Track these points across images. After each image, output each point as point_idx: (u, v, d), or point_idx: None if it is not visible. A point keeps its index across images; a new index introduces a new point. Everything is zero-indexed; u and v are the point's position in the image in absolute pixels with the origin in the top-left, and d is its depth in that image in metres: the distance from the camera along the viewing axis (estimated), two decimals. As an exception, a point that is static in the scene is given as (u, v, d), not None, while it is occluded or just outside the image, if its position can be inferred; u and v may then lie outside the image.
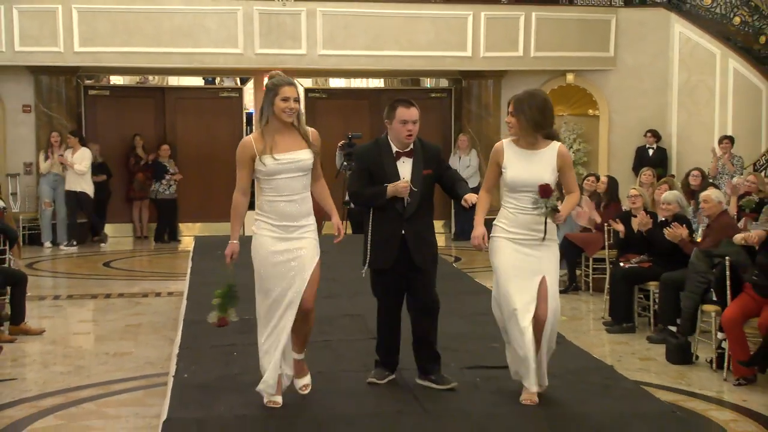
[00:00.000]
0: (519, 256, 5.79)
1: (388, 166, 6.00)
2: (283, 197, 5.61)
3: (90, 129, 17.28)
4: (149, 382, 7.63)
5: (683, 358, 8.47)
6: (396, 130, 5.97)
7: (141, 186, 17.08)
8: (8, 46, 15.53)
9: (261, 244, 5.65)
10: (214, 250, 12.32)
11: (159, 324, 9.88)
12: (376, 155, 6.07)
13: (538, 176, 5.75)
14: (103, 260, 14.84)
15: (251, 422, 5.48)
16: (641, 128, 16.82)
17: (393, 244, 5.98)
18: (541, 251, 5.81)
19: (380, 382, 6.12)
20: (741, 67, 16.38)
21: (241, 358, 6.85)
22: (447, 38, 16.47)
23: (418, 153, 6.05)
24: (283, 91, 5.56)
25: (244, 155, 5.71)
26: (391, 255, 5.98)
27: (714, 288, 8.37)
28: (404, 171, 6.00)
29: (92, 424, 6.64)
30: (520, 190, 5.80)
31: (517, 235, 5.81)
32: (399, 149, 6.02)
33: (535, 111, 5.83)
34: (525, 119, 5.83)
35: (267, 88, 5.65)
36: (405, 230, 5.98)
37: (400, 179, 5.95)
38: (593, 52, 17.01)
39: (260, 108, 5.70)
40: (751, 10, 16.69)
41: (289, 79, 5.67)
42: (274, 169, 5.58)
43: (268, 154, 5.58)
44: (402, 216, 5.97)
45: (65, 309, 11.15)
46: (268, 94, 5.63)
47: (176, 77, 18.16)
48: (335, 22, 16.21)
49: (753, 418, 6.88)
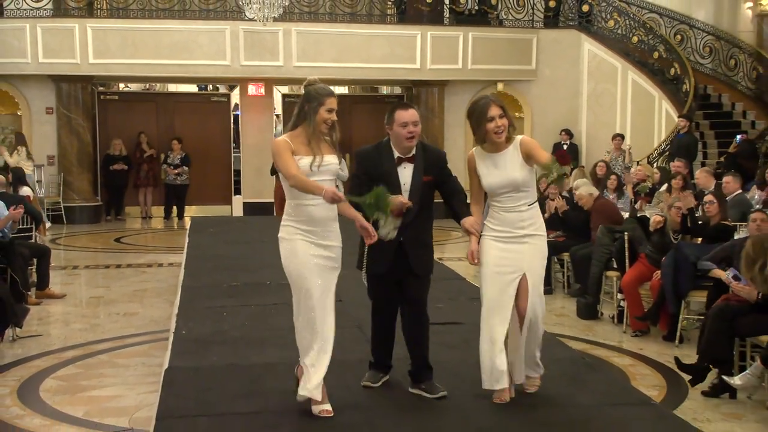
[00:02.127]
0: (502, 255, 4.88)
1: (388, 172, 4.91)
2: (312, 201, 4.60)
3: (102, 127, 17.18)
4: (153, 337, 7.60)
5: (590, 315, 8.57)
6: (397, 134, 4.90)
7: (146, 175, 17.04)
8: (33, 58, 15.35)
9: (294, 248, 4.66)
10: (206, 228, 12.31)
11: (161, 289, 9.84)
12: (376, 160, 4.98)
13: (510, 176, 4.85)
14: (114, 237, 14.71)
15: (239, 369, 5.48)
16: (557, 128, 16.92)
17: (390, 249, 4.94)
18: (525, 247, 4.89)
19: (374, 385, 5.20)
20: (638, 78, 16.50)
21: (230, 317, 6.84)
22: (399, 53, 16.45)
23: (420, 159, 4.98)
24: (328, 102, 4.67)
25: (285, 148, 4.63)
26: (388, 260, 4.96)
27: (615, 257, 8.47)
28: (405, 177, 4.94)
29: (106, 372, 6.60)
30: (499, 192, 4.91)
31: (503, 233, 4.90)
32: (401, 154, 4.95)
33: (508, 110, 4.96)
34: (510, 119, 4.91)
35: (310, 95, 4.70)
36: (403, 236, 4.92)
37: (400, 186, 4.91)
38: (519, 65, 17.06)
39: (296, 113, 4.74)
40: (646, 31, 16.81)
41: (332, 90, 4.79)
42: (306, 171, 4.60)
43: (301, 155, 4.62)
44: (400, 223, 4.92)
45: (82, 277, 11.05)
46: (311, 102, 4.67)
47: (174, 84, 18.12)
48: (307, 39, 16.14)
49: (647, 363, 6.98)
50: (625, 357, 7.14)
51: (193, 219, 14.22)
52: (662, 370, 6.74)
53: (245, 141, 17.37)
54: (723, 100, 16.85)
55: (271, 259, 9.42)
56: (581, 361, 5.93)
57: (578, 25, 17.33)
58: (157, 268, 11.50)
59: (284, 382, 5.14)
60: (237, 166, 17.85)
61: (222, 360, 5.66)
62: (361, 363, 5.46)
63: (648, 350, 7.33)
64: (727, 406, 5.89)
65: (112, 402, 5.89)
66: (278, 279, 8.09)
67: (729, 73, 16.94)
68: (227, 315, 6.92)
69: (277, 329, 6.43)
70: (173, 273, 10.46)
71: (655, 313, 7.64)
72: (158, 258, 12.30)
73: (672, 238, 7.81)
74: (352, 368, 5.36)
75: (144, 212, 17.29)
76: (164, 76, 16.65)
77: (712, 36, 17.14)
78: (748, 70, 16.70)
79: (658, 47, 16.56)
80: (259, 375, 5.34)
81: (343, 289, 7.64)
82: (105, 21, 15.78)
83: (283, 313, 6.89)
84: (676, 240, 7.77)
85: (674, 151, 13.49)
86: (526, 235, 4.89)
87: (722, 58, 17.03)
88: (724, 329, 6.07)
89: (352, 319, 6.53)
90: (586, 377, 5.53)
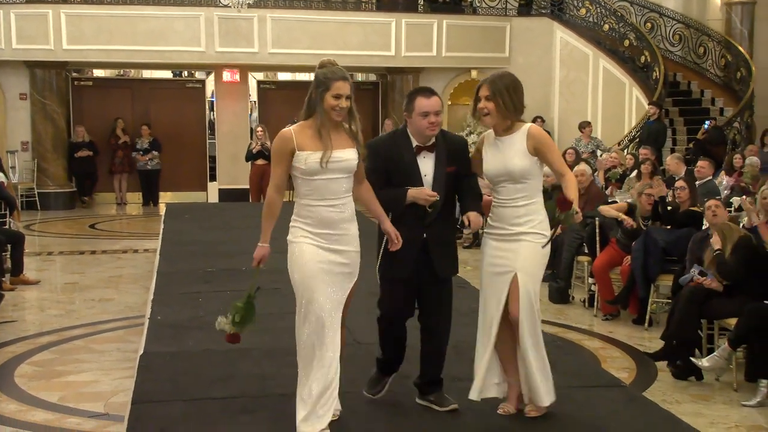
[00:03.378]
0: (497, 254, 4.35)
1: (407, 163, 4.34)
2: (323, 201, 4.03)
3: (77, 113, 16.98)
4: (129, 322, 7.56)
5: (562, 299, 8.63)
6: (416, 124, 4.33)
7: (120, 161, 16.89)
8: (7, 44, 15.14)
9: (302, 252, 4.05)
10: (182, 214, 12.24)
11: (137, 275, 9.77)
12: (393, 150, 4.38)
13: (508, 163, 4.31)
14: (89, 223, 14.58)
15: (214, 354, 5.45)
16: (530, 114, 16.91)
17: (413, 250, 4.27)
18: (517, 245, 4.30)
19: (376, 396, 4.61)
20: (609, 65, 16.57)
21: (205, 303, 6.80)
22: (374, 40, 16.40)
23: (441, 147, 4.39)
24: (336, 87, 4.03)
25: (282, 149, 4.06)
26: (410, 263, 4.28)
27: (586, 243, 8.53)
28: (426, 168, 4.35)
29: (81, 357, 6.56)
30: (496, 181, 4.37)
31: (498, 229, 4.36)
32: (419, 143, 4.36)
33: (512, 93, 4.36)
34: (503, 102, 4.32)
35: (317, 80, 4.09)
36: (427, 234, 4.32)
37: (421, 178, 4.33)
38: (492, 53, 17.05)
39: (306, 99, 4.13)
40: (617, 19, 16.88)
41: (344, 72, 4.12)
42: (314, 168, 4.00)
43: (309, 151, 4.01)
44: (424, 219, 4.32)
45: (57, 263, 10.95)
46: (317, 87, 4.07)
47: (149, 71, 17.92)
48: (282, 26, 16.04)
49: (617, 346, 7.05)
50: (595, 340, 7.19)
51: (168, 205, 14.13)
52: (632, 352, 6.81)
53: (220, 127, 17.26)
54: (692, 88, 16.98)
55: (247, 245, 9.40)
56: (554, 344, 5.94)
57: (551, 13, 17.36)
58: (133, 254, 11.42)
59: (260, 367, 5.12)
60: (212, 152, 17.74)
61: (198, 345, 5.64)
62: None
63: (618, 333, 7.39)
64: (696, 388, 5.96)
65: (88, 387, 5.85)
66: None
67: (698, 60, 17.06)
68: (203, 301, 6.88)
69: (252, 314, 6.40)
70: (149, 259, 10.39)
71: (625, 297, 7.72)
72: (133, 244, 12.21)
73: (641, 224, 7.87)
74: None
75: (119, 198, 17.15)
76: (139, 62, 16.47)
77: (682, 24, 17.25)
78: (716, 58, 16.82)
79: (629, 35, 16.63)
80: (235, 360, 5.31)
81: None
82: (79, 7, 15.56)
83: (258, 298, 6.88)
84: (645, 226, 7.84)
85: (644, 138, 13.59)
86: (522, 233, 4.30)
87: (691, 45, 17.14)
88: (693, 311, 6.15)
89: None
90: (558, 360, 5.54)
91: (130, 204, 17.08)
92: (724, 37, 16.79)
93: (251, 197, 14.39)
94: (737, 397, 5.70)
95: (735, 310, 5.88)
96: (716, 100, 16.55)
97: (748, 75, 15.84)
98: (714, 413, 5.41)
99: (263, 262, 4.13)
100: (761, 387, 5.56)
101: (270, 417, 4.35)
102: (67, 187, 16.38)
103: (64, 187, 16.31)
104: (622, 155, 11.63)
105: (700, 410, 5.47)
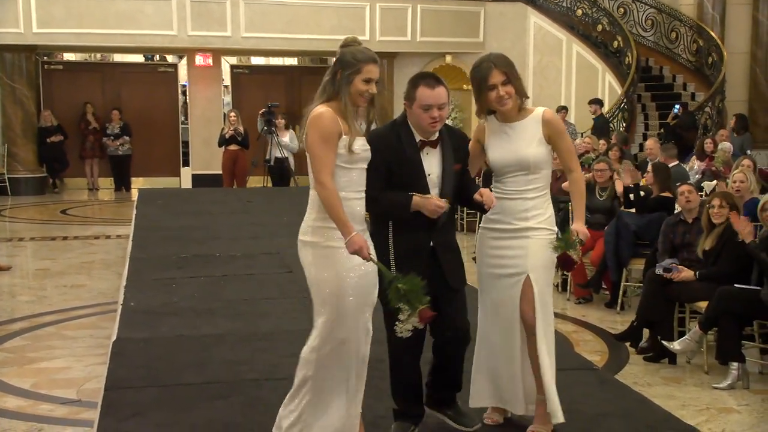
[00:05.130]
0: (499, 253, 3.92)
1: (411, 161, 3.74)
2: (356, 193, 3.56)
3: (47, 98, 16.82)
4: (102, 309, 7.50)
5: (536, 283, 8.67)
6: (417, 117, 3.73)
7: (91, 146, 16.75)
8: (-25, 28, 14.92)
9: (332, 258, 3.48)
10: (154, 199, 12.15)
11: (109, 261, 9.70)
12: (394, 144, 3.76)
13: (520, 152, 3.86)
14: (60, 208, 14.44)
15: (188, 340, 5.44)
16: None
17: (421, 258, 3.75)
18: (525, 242, 3.87)
19: None
20: (582, 50, 16.65)
21: (179, 289, 6.77)
22: (348, 24, 16.31)
23: (446, 142, 3.82)
24: (367, 70, 3.54)
25: (335, 130, 3.47)
26: (423, 273, 3.56)
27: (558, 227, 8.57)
28: (430, 166, 3.78)
29: (54, 344, 6.51)
30: (504, 172, 3.92)
31: (501, 224, 3.90)
32: (422, 137, 3.78)
33: (518, 73, 3.92)
34: (519, 85, 3.88)
35: (344, 60, 3.57)
36: (434, 241, 3.79)
37: (425, 177, 3.76)
38: (466, 38, 17.06)
39: (327, 79, 3.60)
40: (590, 4, 16.94)
41: (374, 54, 3.64)
42: (359, 156, 3.53)
43: (347, 137, 3.49)
44: (431, 224, 3.75)
45: (28, 249, 10.84)
46: (344, 68, 3.54)
47: (120, 54, 17.72)
48: (255, 9, 15.92)
49: (589, 329, 7.11)
50: (568, 324, 7.24)
51: (140, 191, 14.02)
52: (604, 336, 6.87)
53: (193, 112, 17.13)
54: (664, 73, 17.11)
55: (221, 230, 9.42)
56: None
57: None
58: (105, 240, 11.33)
59: (234, 352, 5.12)
60: (185, 137, 17.61)
61: (171, 331, 5.61)
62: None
63: (591, 317, 7.45)
64: (667, 371, 6.02)
65: (60, 374, 5.81)
66: (227, 251, 8.08)
67: (670, 45, 17.18)
68: (176, 287, 6.85)
69: (226, 300, 6.40)
70: (121, 245, 10.32)
71: (598, 280, 7.79)
72: (105, 230, 12.11)
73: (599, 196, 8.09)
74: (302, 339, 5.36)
75: (90, 184, 17.01)
76: (110, 45, 16.30)
77: (654, 9, 17.35)
78: (688, 43, 16.95)
79: (602, 20, 16.70)
80: (209, 345, 5.30)
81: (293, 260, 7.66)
82: (48, -11, 15.35)
83: (232, 284, 6.88)
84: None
85: (594, 132, 13.78)
86: (529, 228, 3.88)
87: (664, 31, 17.25)
88: (658, 293, 6.22)
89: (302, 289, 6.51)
90: (531, 344, 5.59)
91: (101, 189, 16.95)
92: (695, 22, 16.91)
93: (224, 182, 14.31)
94: (708, 380, 5.77)
95: (705, 294, 5.94)
96: (688, 84, 16.68)
97: (719, 60, 15.98)
98: (685, 395, 5.48)
99: (369, 249, 3.48)
100: (732, 370, 5.63)
101: (244, 402, 4.35)
102: (37, 172, 16.20)
103: (35, 173, 16.13)
104: (595, 140, 11.74)
105: (672, 393, 5.53)
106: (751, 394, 5.53)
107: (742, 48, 16.83)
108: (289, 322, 5.81)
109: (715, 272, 6.05)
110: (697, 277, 6.12)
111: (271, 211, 10.57)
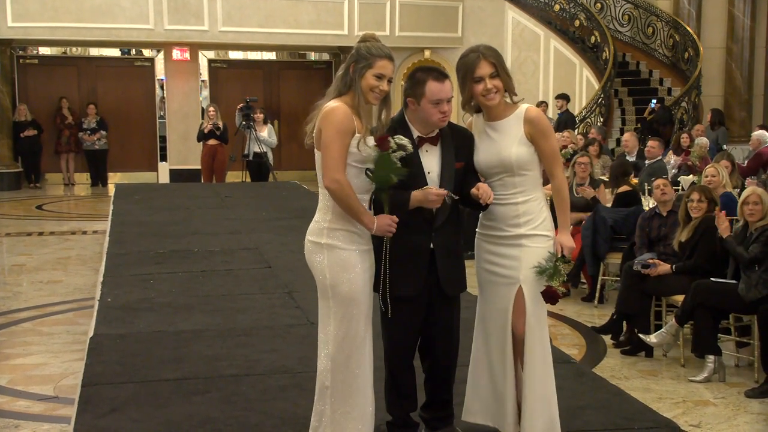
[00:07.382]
0: (494, 260, 3.70)
1: (409, 158, 3.46)
2: (366, 194, 3.45)
3: (22, 92, 16.67)
4: (78, 305, 7.46)
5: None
6: (425, 112, 3.53)
7: (67, 141, 16.64)
8: (-51, 21, 14.76)
9: (348, 261, 3.40)
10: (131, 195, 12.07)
11: (86, 257, 9.64)
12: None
13: (502, 152, 3.60)
14: (35, 204, 14.32)
15: (166, 336, 5.41)
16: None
17: (421, 262, 3.58)
18: (518, 251, 3.62)
19: None
20: (560, 45, 16.72)
21: (157, 284, 6.73)
22: (327, 19, 16.30)
23: (447, 139, 3.63)
24: (379, 66, 3.40)
25: (350, 126, 3.36)
26: (420, 277, 3.55)
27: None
28: (429, 164, 3.59)
29: (30, 340, 6.46)
30: (490, 174, 3.66)
31: (494, 230, 3.67)
32: (421, 134, 3.59)
33: (507, 68, 3.66)
34: (507, 78, 3.62)
35: (359, 54, 3.44)
36: (434, 243, 3.59)
37: (424, 175, 3.56)
38: (445, 33, 17.09)
39: (339, 74, 3.49)
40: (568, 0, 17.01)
41: (389, 50, 3.48)
42: (354, 153, 3.38)
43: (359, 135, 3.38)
44: (431, 225, 3.59)
45: (4, 245, 10.75)
46: (358, 62, 3.42)
47: (96, 48, 17.60)
48: (232, 3, 15.86)
49: (567, 323, 7.15)
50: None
51: (117, 186, 13.91)
52: (582, 329, 6.91)
53: (171, 107, 17.03)
54: (641, 68, 17.22)
55: (198, 226, 9.37)
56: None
57: (502, -7, 17.44)
58: (81, 235, 11.25)
59: (212, 348, 5.10)
60: (162, 132, 17.52)
61: (148, 327, 5.58)
62: (292, 328, 5.45)
63: (568, 311, 7.50)
64: (644, 364, 6.07)
65: (37, 370, 5.77)
66: (206, 246, 8.05)
67: (647, 40, 17.30)
68: (154, 282, 6.81)
69: (204, 296, 6.37)
70: (98, 240, 10.25)
71: (576, 275, 7.84)
72: (82, 225, 12.03)
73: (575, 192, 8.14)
74: (281, 334, 5.36)
75: (66, 179, 16.89)
76: (86, 39, 16.17)
77: (631, 4, 17.45)
78: (665, 38, 17.06)
79: (579, 15, 16.77)
80: (187, 341, 5.28)
81: (272, 256, 7.64)
82: (23, -18, 15.21)
83: (210, 279, 6.85)
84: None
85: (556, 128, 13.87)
86: (522, 236, 3.63)
87: (640, 26, 17.36)
88: (635, 286, 6.28)
89: (281, 285, 6.51)
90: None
91: (78, 185, 16.83)
92: (672, 18, 17.03)
93: (203, 177, 14.25)
94: (684, 373, 5.83)
95: (682, 287, 6.00)
96: (664, 80, 16.81)
97: (695, 55, 16.10)
98: (662, 388, 5.53)
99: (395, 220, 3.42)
100: (708, 363, 5.69)
101: (222, 397, 4.33)
102: (12, 167, 16.07)
103: (10, 168, 16.00)
104: (573, 135, 11.81)
105: (649, 385, 5.58)
106: (727, 387, 5.58)
107: (718, 43, 16.98)
108: (267, 317, 5.80)
109: (691, 266, 6.11)
110: (673, 271, 6.18)
111: (250, 207, 10.54)
